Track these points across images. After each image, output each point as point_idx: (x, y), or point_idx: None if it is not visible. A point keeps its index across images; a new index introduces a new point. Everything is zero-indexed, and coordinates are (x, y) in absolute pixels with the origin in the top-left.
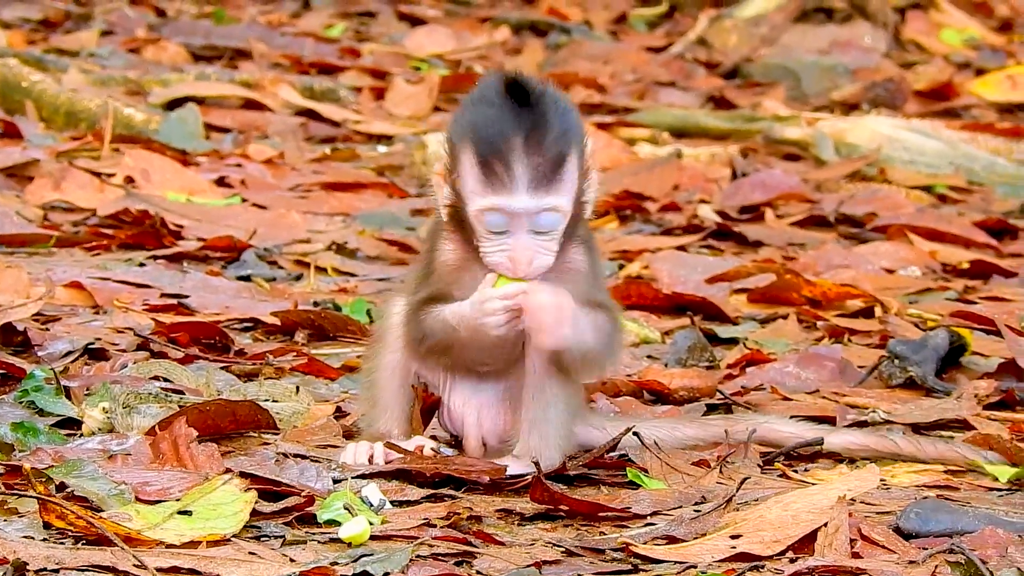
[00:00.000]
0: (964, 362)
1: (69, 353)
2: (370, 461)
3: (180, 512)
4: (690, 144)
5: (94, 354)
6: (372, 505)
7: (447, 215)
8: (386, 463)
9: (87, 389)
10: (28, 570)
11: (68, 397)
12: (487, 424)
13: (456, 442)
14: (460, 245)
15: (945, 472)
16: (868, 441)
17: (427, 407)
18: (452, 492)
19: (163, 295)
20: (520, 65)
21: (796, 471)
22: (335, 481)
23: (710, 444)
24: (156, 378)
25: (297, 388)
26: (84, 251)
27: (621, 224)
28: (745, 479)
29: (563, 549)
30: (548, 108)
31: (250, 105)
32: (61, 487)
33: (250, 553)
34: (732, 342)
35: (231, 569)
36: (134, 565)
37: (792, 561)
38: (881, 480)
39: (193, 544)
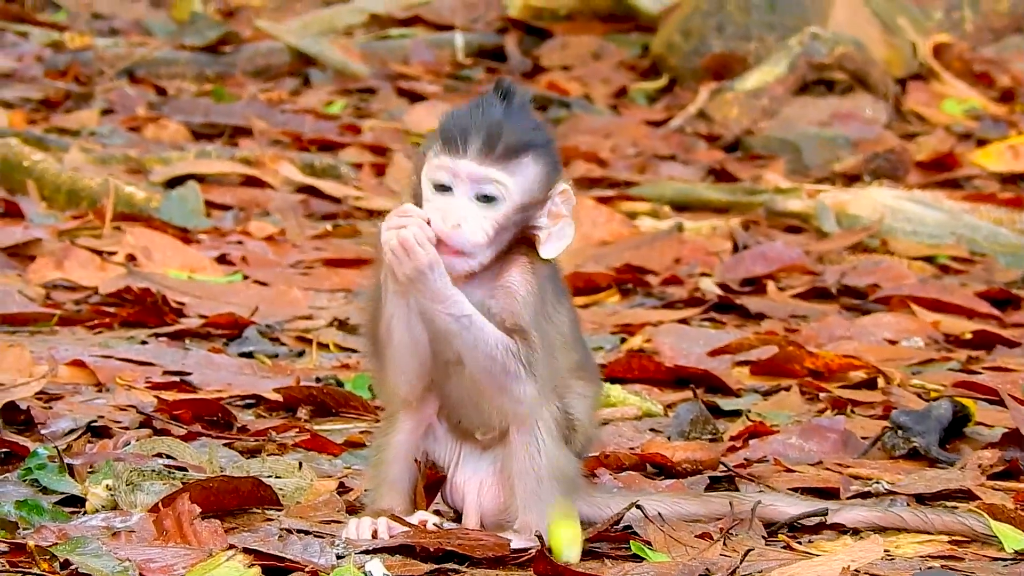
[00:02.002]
0: (968, 432)
1: (72, 431)
2: (374, 536)
3: None
4: (691, 217)
5: (97, 432)
6: None
7: (411, 202)
8: (390, 537)
9: (90, 467)
10: None
11: (71, 475)
12: (487, 500)
13: (459, 517)
14: None
15: (950, 542)
16: (874, 516)
17: (431, 483)
18: (456, 567)
19: (165, 372)
20: None
21: (800, 542)
22: (339, 556)
23: (713, 518)
24: (159, 455)
25: (300, 464)
26: (86, 329)
27: (623, 298)
28: (749, 551)
29: None
30: (524, 110)
31: (251, 182)
32: (65, 564)
33: None
34: (735, 414)
35: None
36: None
37: None
38: (885, 551)
39: None
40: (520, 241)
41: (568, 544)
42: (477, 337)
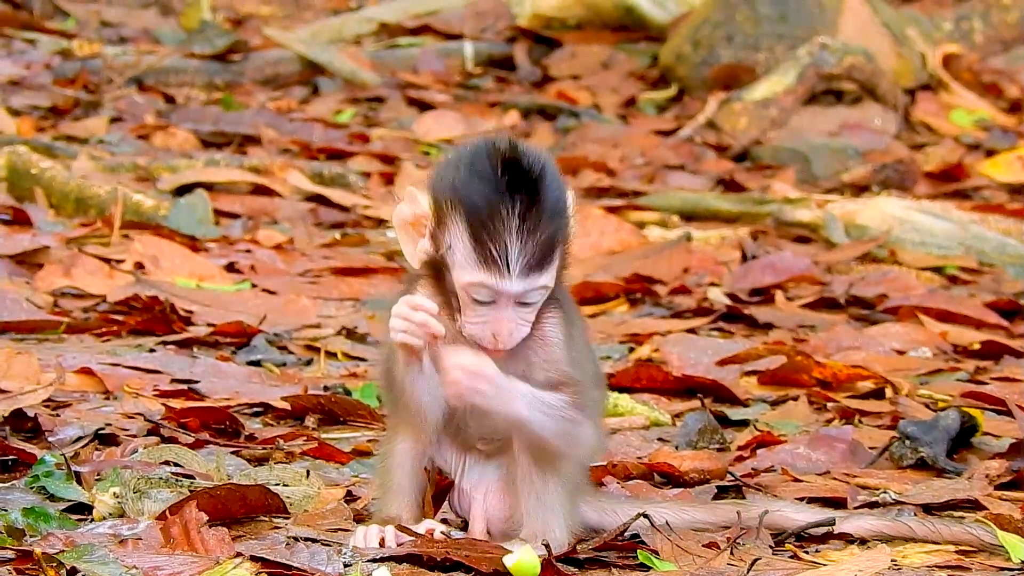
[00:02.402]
0: (975, 443)
1: (80, 439)
2: (381, 544)
3: None
4: (700, 227)
5: (104, 439)
6: None
7: (421, 264)
8: (397, 546)
9: (98, 474)
10: None
11: (79, 482)
12: (492, 508)
13: (466, 525)
14: (432, 291)
15: (957, 552)
16: (882, 526)
17: (439, 491)
18: (462, 575)
19: (173, 380)
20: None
21: (807, 552)
22: (346, 565)
23: (720, 527)
24: (166, 463)
25: (307, 472)
26: (94, 337)
27: (631, 307)
28: (756, 560)
29: None
30: (542, 185)
31: (259, 191)
32: (72, 572)
33: None
34: (743, 424)
35: None
36: None
37: None
38: (892, 561)
39: None
40: None
41: None
42: (541, 420)
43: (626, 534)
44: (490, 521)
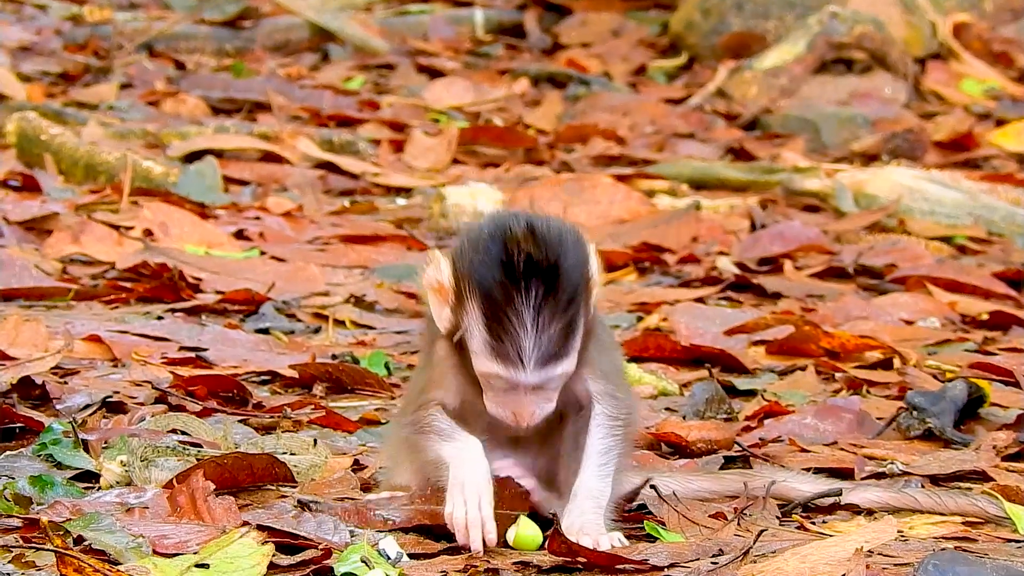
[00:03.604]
0: (983, 413)
1: (87, 406)
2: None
3: (197, 565)
4: (709, 196)
5: (112, 407)
6: (390, 558)
7: (444, 330)
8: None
9: (105, 442)
10: None
11: (86, 450)
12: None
13: None
14: (453, 354)
15: (963, 524)
16: (888, 497)
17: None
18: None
19: (181, 348)
20: (539, 117)
21: (814, 523)
22: (352, 534)
23: (727, 497)
24: (174, 431)
25: (315, 441)
26: (103, 304)
27: (639, 276)
28: (762, 531)
29: None
30: (559, 273)
31: (269, 158)
32: (79, 540)
33: None
34: (750, 394)
35: None
36: None
37: None
38: (899, 532)
39: None
40: None
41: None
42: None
43: (633, 504)
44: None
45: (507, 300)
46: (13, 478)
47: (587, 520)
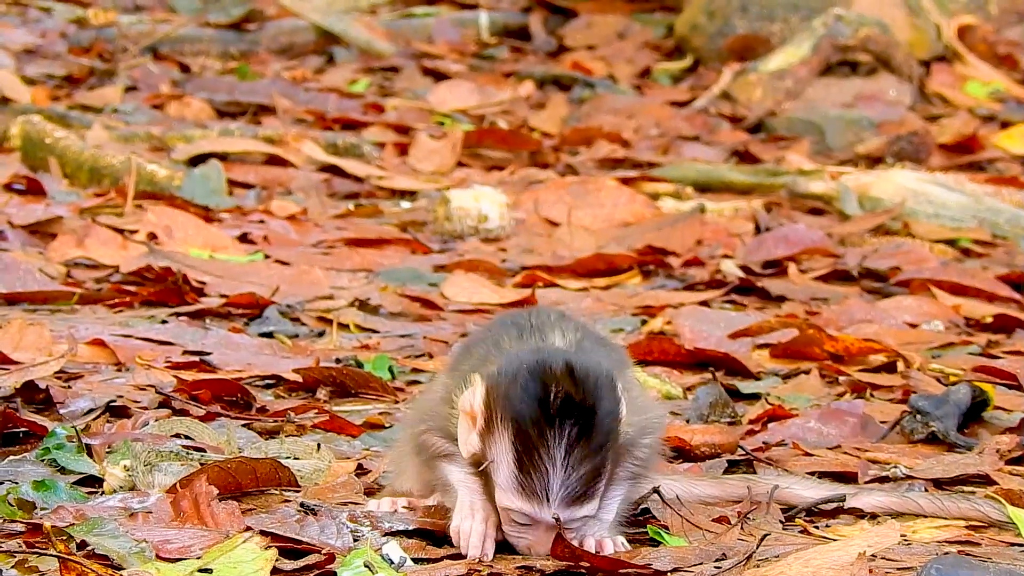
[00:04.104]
0: (986, 417)
1: (91, 411)
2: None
3: (201, 570)
4: (713, 199)
5: (116, 412)
6: (393, 563)
7: (467, 455)
8: (410, 518)
9: (109, 447)
10: None
11: (90, 455)
12: None
13: None
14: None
15: (967, 527)
16: (890, 502)
17: None
18: None
19: (185, 352)
20: (544, 120)
21: (817, 527)
22: (355, 539)
23: (731, 501)
24: (177, 436)
25: (318, 445)
26: (107, 308)
27: (644, 279)
28: (765, 535)
29: None
30: (594, 416)
31: (273, 161)
32: (82, 545)
33: None
34: (754, 397)
35: None
36: None
37: None
38: (902, 536)
39: None
40: None
41: None
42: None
43: (636, 509)
44: None
45: (540, 436)
46: (16, 483)
47: (588, 529)
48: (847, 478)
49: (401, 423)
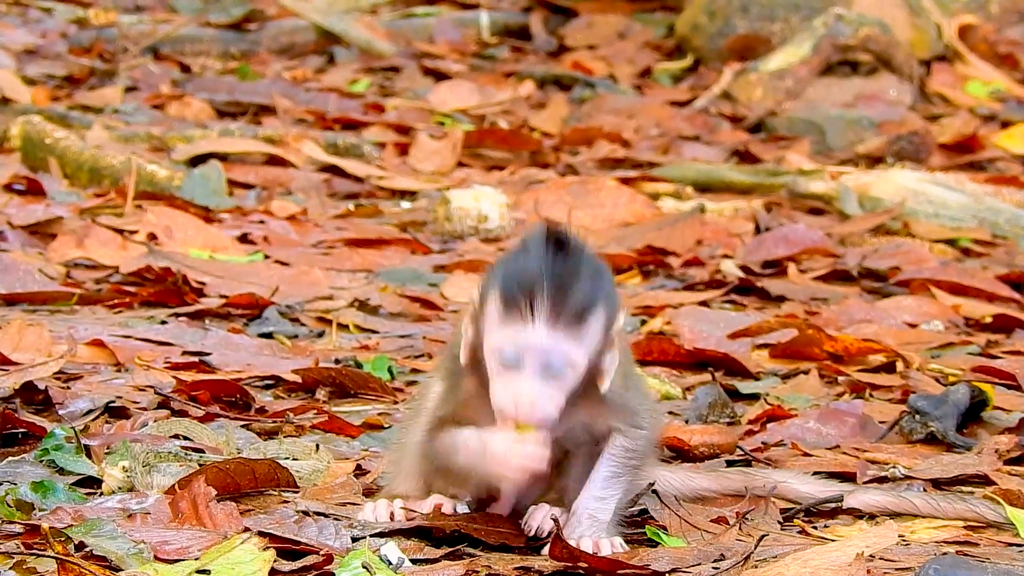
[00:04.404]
0: (985, 417)
1: (90, 411)
2: (391, 519)
3: (199, 571)
4: (714, 198)
5: (115, 412)
6: (391, 564)
7: (467, 358)
8: (407, 520)
9: (107, 448)
10: None
11: (88, 456)
12: (525, 499)
13: (480, 504)
14: (476, 386)
15: (965, 528)
16: (887, 501)
17: None
18: (471, 550)
19: (184, 353)
20: (544, 120)
21: (816, 527)
22: (354, 540)
23: (727, 496)
24: (176, 437)
25: (317, 446)
26: (106, 309)
27: (644, 279)
28: (763, 536)
29: None
30: (583, 261)
31: (274, 161)
32: (80, 546)
33: None
34: (753, 398)
35: None
36: None
37: None
38: (900, 536)
39: None
40: None
41: None
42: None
43: (634, 508)
44: (520, 508)
45: (526, 269)
46: (15, 484)
47: (584, 530)
48: (846, 478)
49: (397, 424)
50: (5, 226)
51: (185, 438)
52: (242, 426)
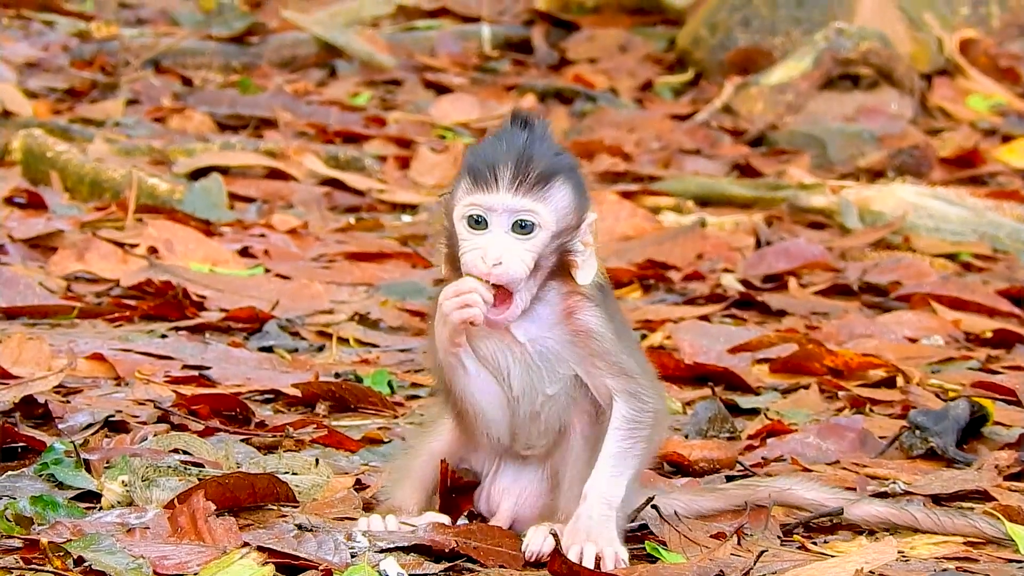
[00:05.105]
0: (985, 432)
1: (90, 426)
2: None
3: None
4: (714, 212)
5: (114, 427)
6: None
7: (446, 258)
8: (408, 533)
9: (107, 462)
10: None
11: (88, 470)
12: (524, 508)
13: (484, 522)
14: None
15: (965, 544)
16: (887, 513)
17: (462, 486)
18: (470, 566)
19: (185, 367)
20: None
21: (815, 543)
22: (353, 555)
23: (730, 512)
24: (176, 451)
25: (317, 460)
26: (106, 322)
27: (644, 293)
28: (763, 552)
29: None
30: (548, 138)
31: (275, 175)
32: (79, 561)
33: None
34: (753, 412)
35: None
36: None
37: None
38: (900, 552)
39: None
40: (554, 274)
41: None
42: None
43: (634, 524)
44: (518, 520)
45: (492, 142)
46: (14, 498)
47: (595, 525)
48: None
49: (409, 438)
50: (6, 239)
51: (185, 452)
52: (242, 440)
